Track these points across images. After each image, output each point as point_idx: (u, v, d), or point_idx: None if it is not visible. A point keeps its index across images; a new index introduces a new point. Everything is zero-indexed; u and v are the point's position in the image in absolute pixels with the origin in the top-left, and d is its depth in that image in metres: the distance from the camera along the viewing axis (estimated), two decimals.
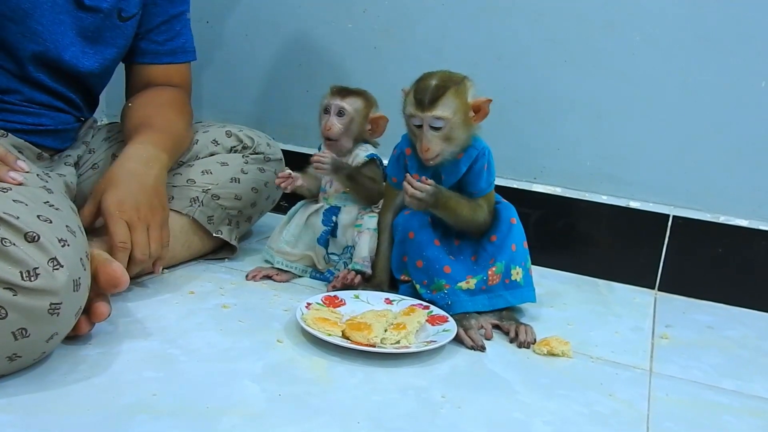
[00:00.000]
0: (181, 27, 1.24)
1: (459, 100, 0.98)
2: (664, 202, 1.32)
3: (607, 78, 1.31)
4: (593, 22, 1.30)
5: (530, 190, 1.38)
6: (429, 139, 0.98)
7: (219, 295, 1.09)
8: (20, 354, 0.76)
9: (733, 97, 1.24)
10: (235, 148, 1.26)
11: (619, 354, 1.01)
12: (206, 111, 1.59)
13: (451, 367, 0.92)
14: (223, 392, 0.80)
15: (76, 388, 0.78)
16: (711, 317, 1.22)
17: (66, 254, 0.78)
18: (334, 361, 0.90)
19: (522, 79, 1.36)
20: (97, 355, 0.86)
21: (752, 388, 0.95)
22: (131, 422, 0.72)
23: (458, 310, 1.02)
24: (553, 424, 0.80)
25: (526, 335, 1.00)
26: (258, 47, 1.56)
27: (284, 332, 0.97)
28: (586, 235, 1.36)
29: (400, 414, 0.79)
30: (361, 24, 1.46)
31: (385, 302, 1.05)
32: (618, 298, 1.26)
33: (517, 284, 1.06)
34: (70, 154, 1.15)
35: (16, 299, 0.73)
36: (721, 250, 1.28)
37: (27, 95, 1.06)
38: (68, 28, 1.07)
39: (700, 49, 1.25)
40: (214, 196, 1.18)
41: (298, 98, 1.53)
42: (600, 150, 1.34)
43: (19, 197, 0.81)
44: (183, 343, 0.91)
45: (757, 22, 1.21)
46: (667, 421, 0.83)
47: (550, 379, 0.91)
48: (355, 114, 1.14)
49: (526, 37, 1.34)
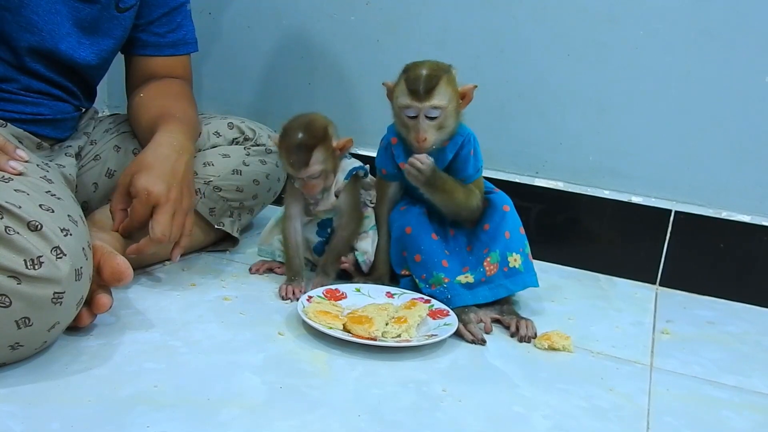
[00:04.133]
0: (182, 18, 1.24)
1: (451, 88, 0.99)
2: (666, 197, 1.32)
3: (610, 72, 1.30)
4: (596, 16, 1.29)
5: (532, 185, 1.38)
6: (425, 128, 0.98)
7: (220, 287, 1.09)
8: (22, 343, 0.76)
9: (736, 93, 1.24)
10: (236, 139, 1.26)
11: (619, 349, 1.01)
12: (208, 102, 1.59)
13: (452, 361, 0.92)
14: (224, 384, 0.80)
15: (77, 378, 0.78)
16: (712, 312, 1.22)
17: (68, 243, 0.78)
18: (335, 354, 0.90)
19: (524, 73, 1.36)
20: (98, 346, 0.86)
21: (752, 384, 0.95)
22: (132, 413, 0.72)
23: (458, 304, 1.02)
24: (553, 418, 0.80)
25: (527, 330, 1.01)
26: (260, 39, 1.55)
27: (285, 325, 0.97)
28: (587, 229, 1.36)
29: (401, 407, 0.79)
30: (364, 17, 1.45)
31: (386, 296, 1.05)
32: (619, 293, 1.26)
33: (516, 271, 1.05)
34: (71, 145, 1.15)
35: (20, 287, 0.73)
36: (723, 245, 1.28)
37: (24, 84, 1.05)
38: (65, 19, 1.06)
39: (703, 43, 1.24)
40: (216, 188, 1.18)
41: (299, 90, 1.53)
42: (602, 145, 1.34)
43: (20, 187, 0.81)
44: (184, 335, 0.91)
45: (760, 18, 1.20)
46: (667, 416, 0.83)
47: (550, 374, 0.91)
48: (325, 163, 1.05)
49: (528, 31, 1.34)
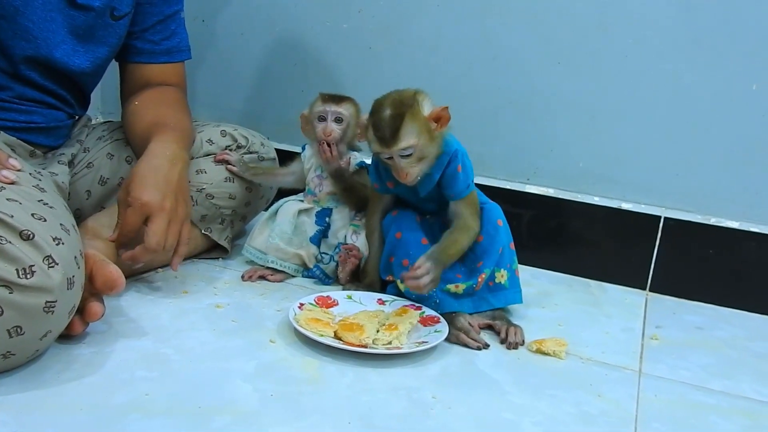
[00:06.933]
0: (176, 26, 1.24)
1: (418, 123, 0.96)
2: (655, 203, 1.33)
3: (600, 79, 1.31)
4: (586, 24, 1.30)
5: (523, 191, 1.39)
6: (403, 167, 0.98)
7: (212, 294, 1.09)
8: (14, 352, 0.77)
9: (725, 100, 1.25)
10: (229, 147, 1.26)
11: (609, 354, 1.02)
12: (201, 110, 1.59)
13: (442, 368, 0.93)
14: (216, 392, 0.81)
15: (69, 387, 0.79)
16: (701, 318, 1.22)
17: (60, 252, 0.79)
18: (326, 362, 0.91)
19: (515, 80, 1.37)
20: (91, 354, 0.86)
21: (740, 389, 0.96)
22: (124, 421, 0.73)
23: (447, 309, 1.03)
24: (542, 425, 0.81)
25: (515, 336, 1.01)
26: (253, 46, 1.56)
27: (277, 332, 0.98)
28: (578, 235, 1.37)
29: (391, 414, 0.80)
30: (356, 24, 1.46)
31: (377, 303, 1.06)
32: (609, 299, 1.27)
33: (501, 287, 1.07)
34: (64, 153, 1.15)
35: (12, 297, 0.74)
36: (712, 251, 1.29)
37: (18, 92, 1.06)
38: (60, 26, 1.06)
39: (692, 51, 1.25)
40: (209, 195, 1.19)
41: (293, 97, 1.53)
42: (593, 151, 1.35)
43: (13, 196, 0.82)
44: (176, 343, 0.92)
45: (748, 25, 1.22)
46: (655, 422, 0.84)
47: (540, 380, 0.92)
48: (350, 119, 1.16)
49: (520, 38, 1.35)
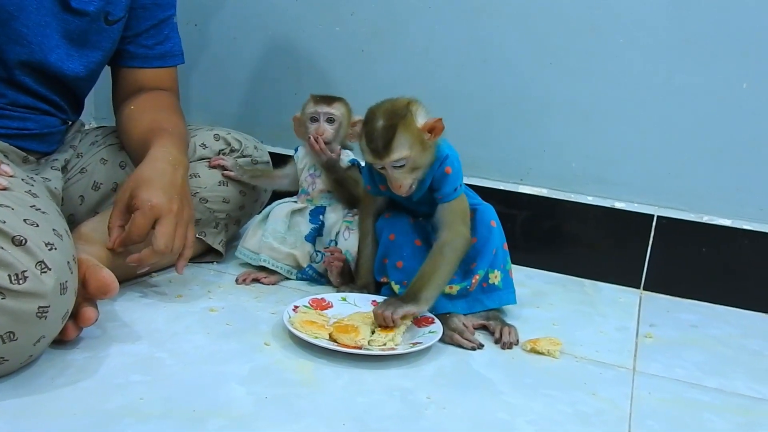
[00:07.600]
0: (169, 31, 1.24)
1: (410, 134, 0.96)
2: (648, 202, 1.33)
3: (592, 80, 1.32)
4: (578, 25, 1.31)
5: (517, 192, 1.39)
6: (396, 178, 0.98)
7: (207, 298, 1.09)
8: (8, 357, 0.77)
9: (716, 99, 1.26)
10: (223, 151, 1.26)
11: (603, 353, 1.02)
12: (194, 114, 1.59)
13: (437, 369, 0.93)
14: (210, 395, 0.81)
15: (63, 392, 0.78)
16: (695, 316, 1.23)
17: (53, 258, 0.79)
18: (321, 364, 0.91)
19: (508, 81, 1.37)
20: (85, 359, 0.86)
21: (734, 386, 0.96)
22: (118, 426, 0.73)
23: (440, 311, 1.03)
24: (537, 424, 0.81)
25: (509, 336, 1.02)
26: (246, 50, 1.56)
27: (271, 335, 0.98)
28: (572, 235, 1.37)
29: (386, 415, 0.80)
30: (349, 27, 1.47)
31: (371, 304, 1.06)
32: (604, 298, 1.27)
33: (495, 287, 1.07)
34: (57, 158, 1.15)
35: (4, 302, 0.73)
36: (705, 249, 1.30)
37: (11, 98, 1.06)
38: (54, 31, 1.06)
39: (683, 51, 1.26)
40: (203, 199, 1.19)
41: (286, 101, 1.54)
42: (585, 152, 1.35)
43: (5, 201, 0.82)
44: (170, 347, 0.92)
45: (738, 25, 1.22)
46: (649, 420, 0.85)
47: (534, 379, 0.92)
48: (342, 119, 1.18)
49: (512, 40, 1.35)
